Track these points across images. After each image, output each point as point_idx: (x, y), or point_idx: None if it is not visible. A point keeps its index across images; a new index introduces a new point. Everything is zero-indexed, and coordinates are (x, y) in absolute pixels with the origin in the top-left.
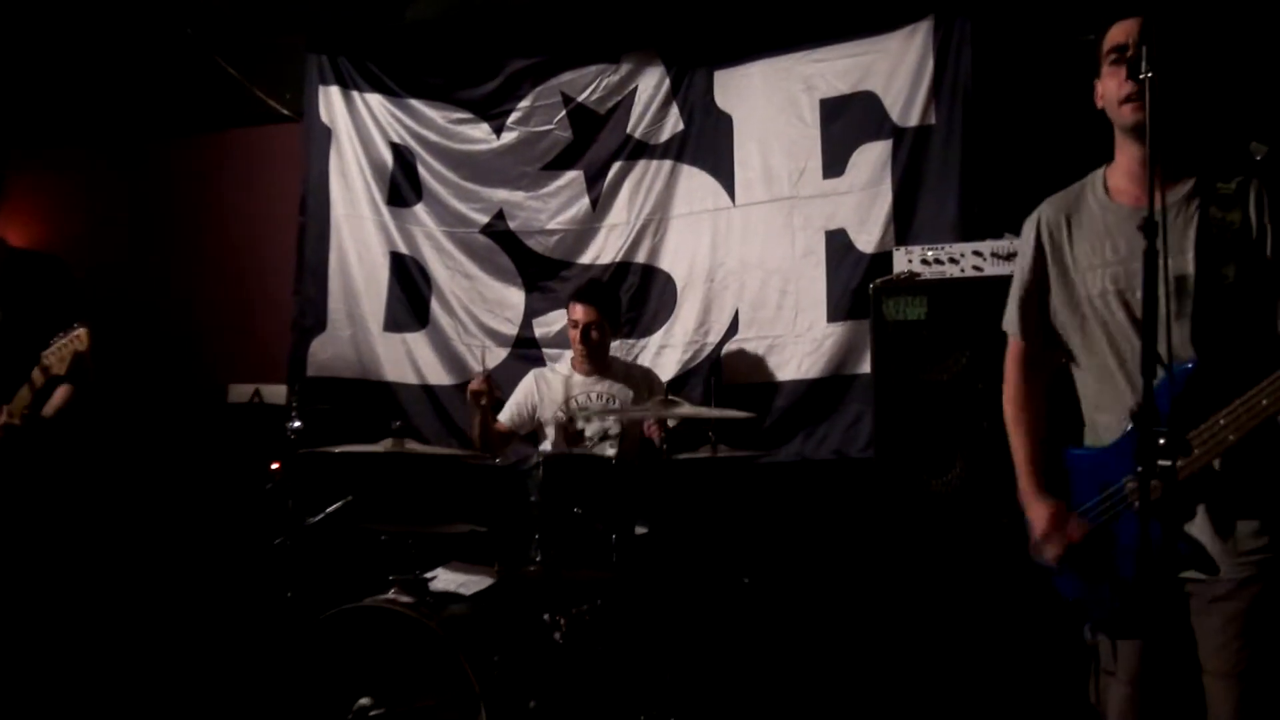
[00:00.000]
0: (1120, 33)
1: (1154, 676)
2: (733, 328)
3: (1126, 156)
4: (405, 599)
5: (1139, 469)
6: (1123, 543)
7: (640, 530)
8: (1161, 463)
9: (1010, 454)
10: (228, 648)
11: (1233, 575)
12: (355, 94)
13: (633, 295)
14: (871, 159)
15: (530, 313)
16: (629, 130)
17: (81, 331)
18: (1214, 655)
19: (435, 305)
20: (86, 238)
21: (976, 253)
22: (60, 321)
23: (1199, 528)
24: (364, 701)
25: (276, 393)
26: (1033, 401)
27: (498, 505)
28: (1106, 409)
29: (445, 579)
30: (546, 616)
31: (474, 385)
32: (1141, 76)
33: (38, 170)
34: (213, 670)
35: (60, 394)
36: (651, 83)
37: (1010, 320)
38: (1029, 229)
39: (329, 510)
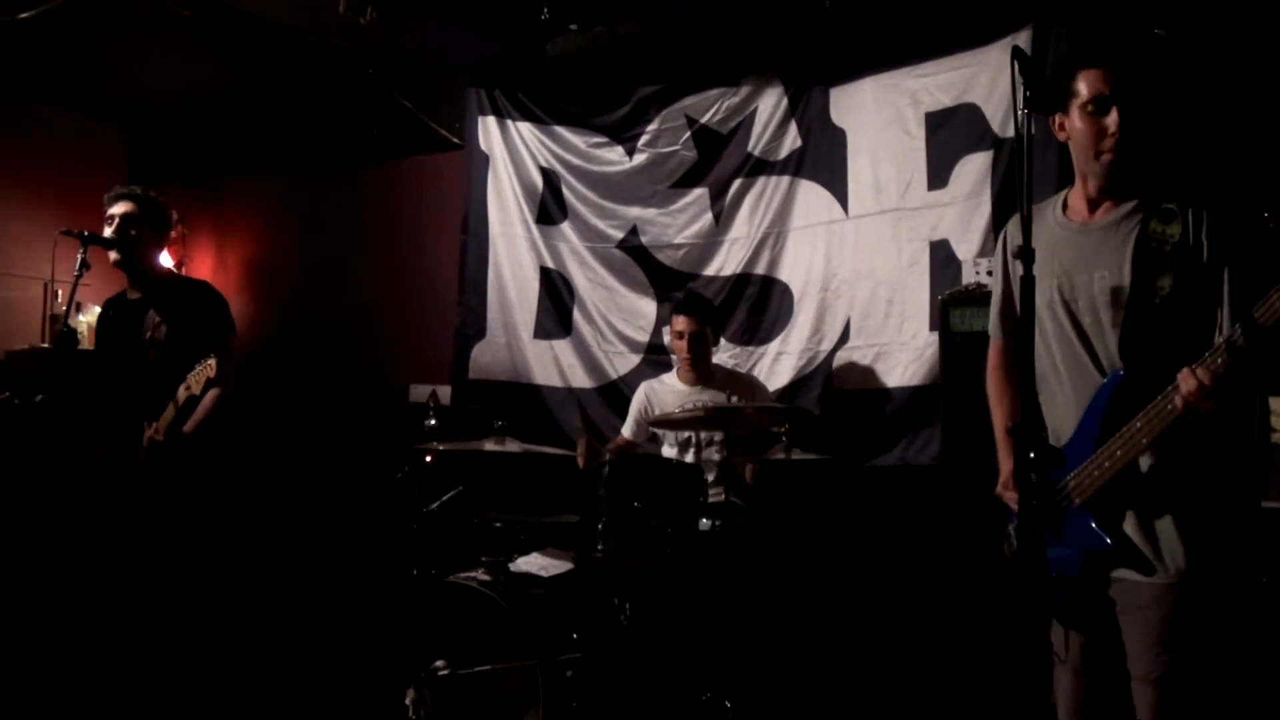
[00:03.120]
0: (1100, 82)
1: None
2: (844, 336)
3: (1081, 184)
4: (484, 578)
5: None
6: (1066, 539)
7: (705, 525)
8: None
9: None
10: (352, 617)
11: (1156, 580)
12: (509, 123)
13: (753, 305)
14: (973, 170)
15: (660, 321)
16: (750, 148)
17: (211, 361)
18: (1136, 660)
19: (577, 314)
20: (290, 254)
21: None
22: (212, 338)
23: (1128, 528)
24: (438, 663)
25: (449, 393)
26: (1011, 385)
27: (581, 498)
28: (1053, 409)
29: (528, 562)
30: (615, 600)
31: (581, 463)
32: (1020, 111)
33: (250, 196)
34: (336, 636)
35: (199, 410)
36: (770, 102)
37: (991, 325)
38: (999, 245)
39: (443, 499)
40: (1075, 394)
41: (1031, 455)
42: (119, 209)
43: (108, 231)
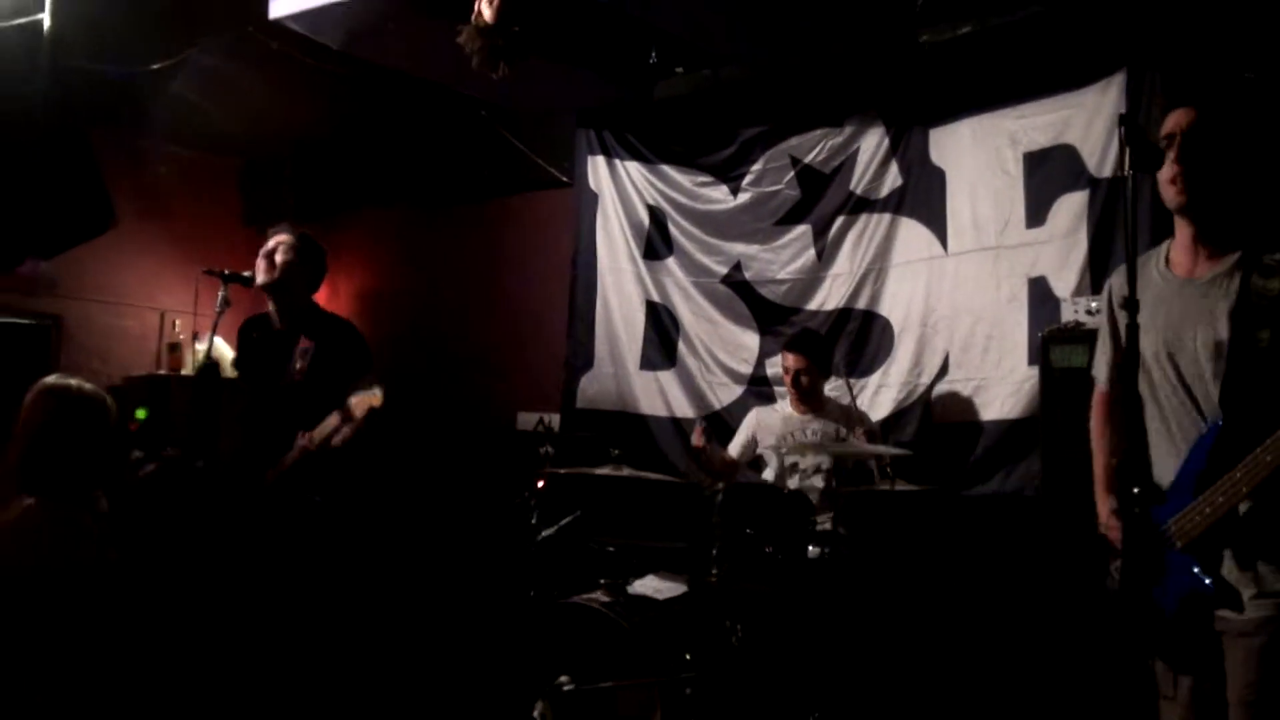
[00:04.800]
0: (1169, 122)
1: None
2: (943, 369)
3: (1180, 232)
4: (604, 599)
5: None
6: (1167, 580)
7: (813, 552)
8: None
9: None
10: (478, 633)
11: (1255, 614)
12: (617, 162)
13: (854, 339)
14: (1070, 209)
15: (763, 354)
16: (852, 187)
17: (379, 392)
18: (1233, 685)
19: (682, 347)
20: (401, 286)
21: None
22: (354, 372)
23: (1226, 568)
24: (563, 679)
25: (558, 421)
26: (1114, 429)
27: (693, 524)
28: (1158, 455)
29: (645, 585)
30: (727, 622)
31: (696, 443)
32: (1126, 174)
33: (363, 229)
34: (462, 649)
35: (348, 430)
36: (872, 142)
37: (1097, 370)
38: (1103, 296)
39: (561, 523)
40: (1180, 442)
41: (1135, 490)
42: (277, 238)
43: (261, 256)
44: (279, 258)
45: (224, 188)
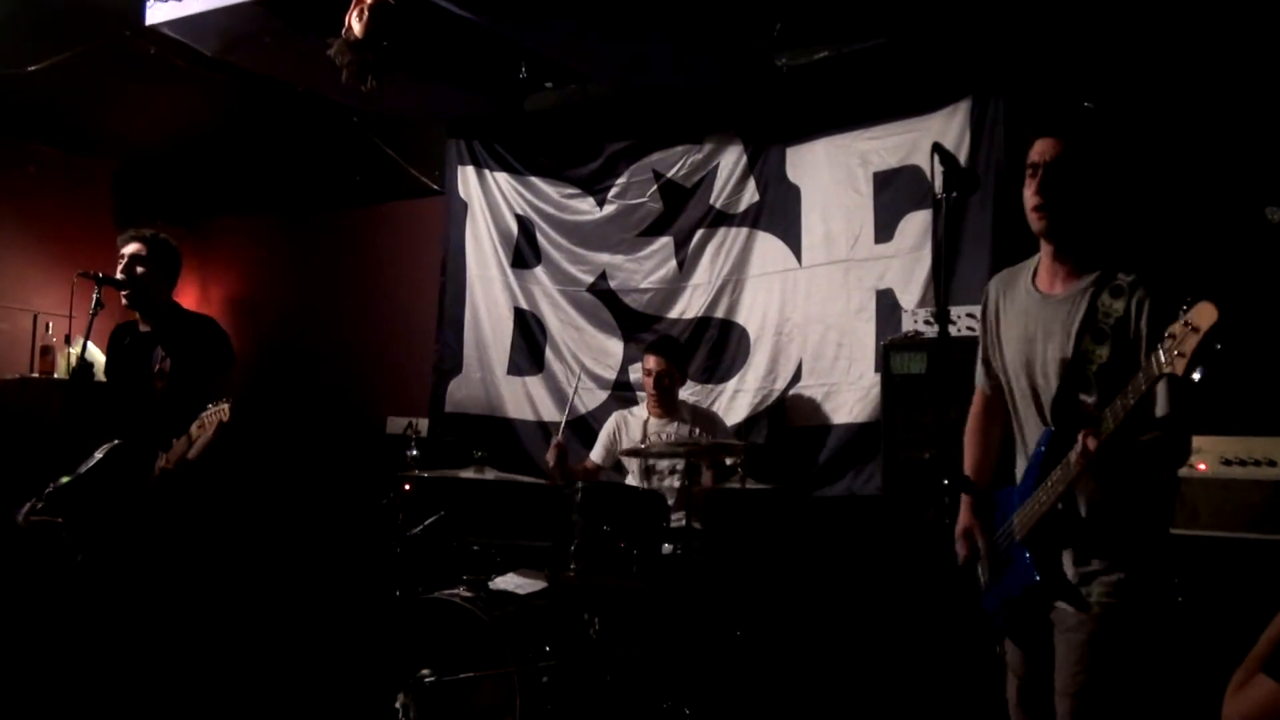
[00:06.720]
0: (1035, 151)
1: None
2: (796, 375)
3: (1043, 251)
4: (466, 594)
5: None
6: (1010, 567)
7: (667, 549)
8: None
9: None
10: (342, 630)
11: (1083, 610)
12: (487, 172)
13: (712, 346)
14: (916, 226)
15: (627, 360)
16: (711, 201)
17: (225, 406)
18: (1059, 674)
19: (549, 353)
20: (272, 291)
21: (970, 314)
22: (213, 370)
23: (1065, 566)
24: (424, 671)
25: (426, 425)
26: (984, 436)
27: (554, 523)
28: (1018, 457)
29: (506, 581)
30: (585, 615)
31: (549, 462)
32: (939, 196)
33: (235, 233)
34: (326, 646)
35: (202, 441)
36: (731, 160)
37: (977, 376)
38: (983, 301)
39: (426, 523)
40: (1030, 446)
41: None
42: (128, 249)
43: (119, 270)
44: (137, 269)
45: (97, 190)
